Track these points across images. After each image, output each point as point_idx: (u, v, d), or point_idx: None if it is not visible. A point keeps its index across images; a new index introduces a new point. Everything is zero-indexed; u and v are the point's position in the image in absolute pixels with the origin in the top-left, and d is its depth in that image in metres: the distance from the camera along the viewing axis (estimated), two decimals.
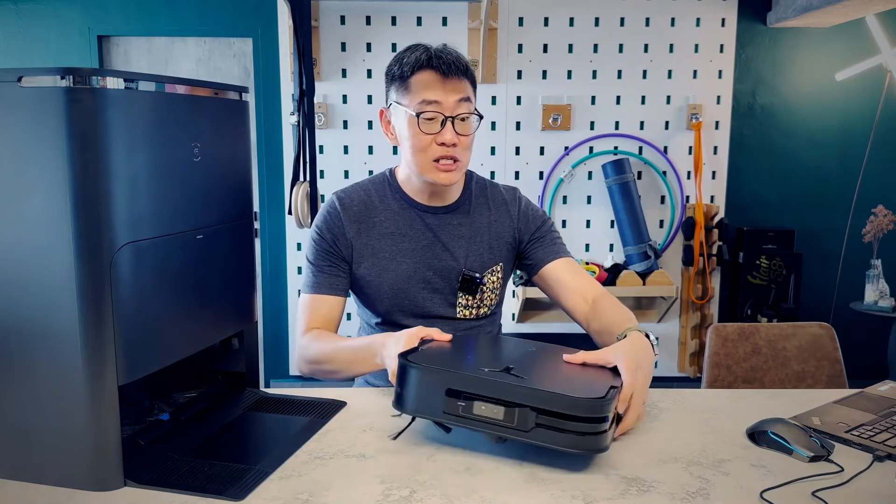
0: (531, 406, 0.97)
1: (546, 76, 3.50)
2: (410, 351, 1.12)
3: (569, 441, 0.96)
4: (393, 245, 1.45)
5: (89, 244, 0.88)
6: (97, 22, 3.47)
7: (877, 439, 1.09)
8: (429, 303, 1.46)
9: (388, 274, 1.44)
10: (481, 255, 1.48)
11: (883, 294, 3.41)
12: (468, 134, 1.39)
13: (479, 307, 1.49)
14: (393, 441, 1.09)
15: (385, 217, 1.47)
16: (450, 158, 1.37)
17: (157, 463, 0.99)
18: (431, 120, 1.35)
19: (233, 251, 1.16)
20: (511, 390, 0.99)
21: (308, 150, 2.93)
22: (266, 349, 3.67)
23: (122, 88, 0.90)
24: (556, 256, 1.49)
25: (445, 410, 1.01)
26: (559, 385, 1.01)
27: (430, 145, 1.37)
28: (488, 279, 1.49)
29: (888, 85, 3.45)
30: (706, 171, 3.58)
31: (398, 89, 1.39)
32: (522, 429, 0.98)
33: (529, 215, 1.53)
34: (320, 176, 3.42)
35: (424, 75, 1.35)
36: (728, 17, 3.49)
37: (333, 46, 3.43)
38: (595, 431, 0.97)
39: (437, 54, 1.35)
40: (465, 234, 1.48)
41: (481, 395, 1.00)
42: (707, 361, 1.83)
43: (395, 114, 1.41)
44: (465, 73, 1.37)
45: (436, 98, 1.34)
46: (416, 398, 1.04)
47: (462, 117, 1.36)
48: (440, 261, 1.46)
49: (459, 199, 1.49)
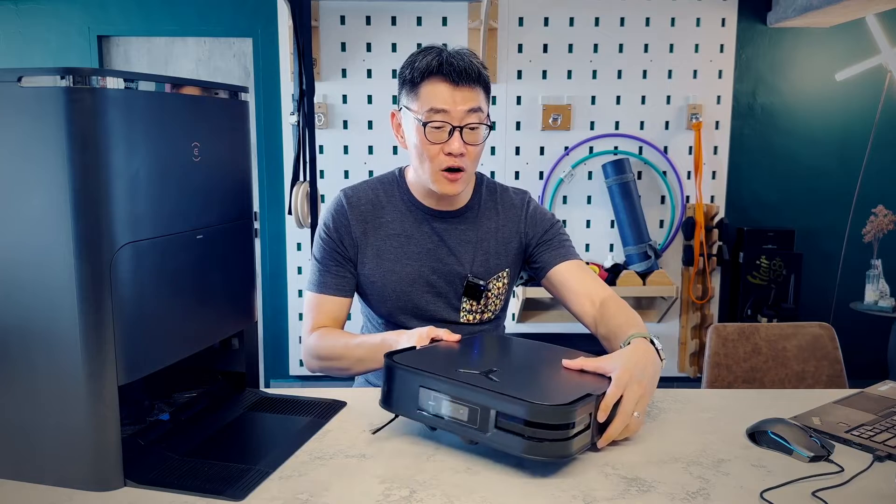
0: (492, 409, 0.97)
1: (546, 76, 3.50)
2: (399, 351, 1.14)
3: (526, 447, 0.95)
4: (398, 247, 1.44)
5: (89, 244, 0.88)
6: (97, 22, 3.47)
7: (877, 439, 1.09)
8: (432, 306, 1.46)
9: (392, 275, 1.44)
10: (487, 260, 1.47)
11: (883, 294, 3.41)
12: (476, 144, 1.35)
13: (483, 312, 1.49)
14: (393, 441, 1.09)
15: (392, 218, 1.46)
16: (456, 169, 1.35)
17: (157, 463, 0.99)
18: (439, 129, 1.32)
19: (233, 251, 1.16)
20: (474, 393, 0.99)
21: (308, 150, 2.93)
22: (266, 349, 3.67)
23: (121, 88, 0.90)
24: (563, 259, 1.47)
25: (419, 408, 1.04)
26: (531, 390, 1.01)
27: (437, 155, 1.34)
28: (493, 285, 1.47)
29: (888, 85, 3.44)
30: (706, 171, 3.58)
31: (408, 94, 1.36)
32: (483, 431, 0.98)
33: (537, 219, 1.51)
34: (320, 176, 3.42)
35: (434, 82, 1.31)
36: (728, 17, 3.49)
37: (333, 46, 3.43)
38: (554, 438, 0.95)
39: (448, 60, 1.31)
40: (472, 239, 1.47)
41: (450, 395, 1.02)
42: (707, 361, 1.83)
43: (404, 118, 1.39)
44: (476, 80, 1.32)
45: (444, 107, 1.31)
46: (396, 397, 1.08)
47: (471, 127, 1.33)
48: (445, 265, 1.45)
49: (468, 204, 1.48)
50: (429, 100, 1.32)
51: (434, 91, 1.31)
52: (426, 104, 1.32)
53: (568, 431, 0.96)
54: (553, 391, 1.04)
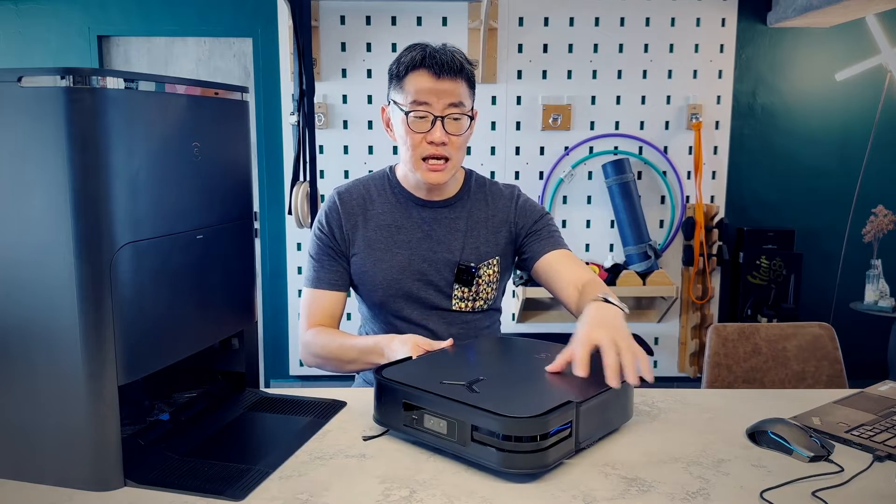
0: (468, 422, 0.97)
1: (546, 76, 3.50)
2: (390, 364, 1.16)
3: (502, 459, 0.94)
4: (388, 237, 1.48)
5: (89, 244, 0.88)
6: (97, 22, 3.47)
7: (877, 439, 1.09)
8: (423, 294, 1.48)
9: (382, 264, 1.47)
10: (477, 247, 1.50)
11: (883, 294, 3.41)
12: (459, 134, 1.40)
13: (474, 300, 1.50)
14: (393, 441, 1.09)
15: (382, 210, 1.50)
16: (439, 158, 1.40)
17: (157, 463, 0.99)
18: (422, 119, 1.38)
19: (233, 251, 1.16)
20: (452, 407, 0.99)
21: (308, 150, 2.93)
22: (266, 349, 3.67)
23: (121, 88, 0.90)
24: (552, 248, 1.50)
25: (405, 423, 1.06)
26: (510, 401, 1.00)
27: (420, 143, 1.40)
28: (484, 271, 1.50)
29: (888, 85, 3.44)
30: (706, 171, 3.58)
31: (395, 88, 1.42)
32: (462, 444, 0.99)
33: (527, 210, 1.54)
34: (320, 176, 3.42)
35: (417, 75, 1.37)
36: (728, 17, 3.49)
37: (333, 46, 3.43)
38: (529, 451, 0.94)
39: (431, 54, 1.37)
40: (462, 227, 1.50)
41: (430, 410, 1.02)
42: (707, 361, 1.83)
43: (392, 112, 1.45)
44: (458, 73, 1.38)
45: (426, 98, 1.37)
46: (384, 411, 1.10)
47: (454, 117, 1.39)
48: (435, 253, 1.48)
49: (457, 195, 1.52)
50: (412, 91, 1.38)
51: (417, 83, 1.37)
52: (410, 96, 1.38)
53: (543, 443, 0.95)
54: (533, 400, 1.01)
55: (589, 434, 1.04)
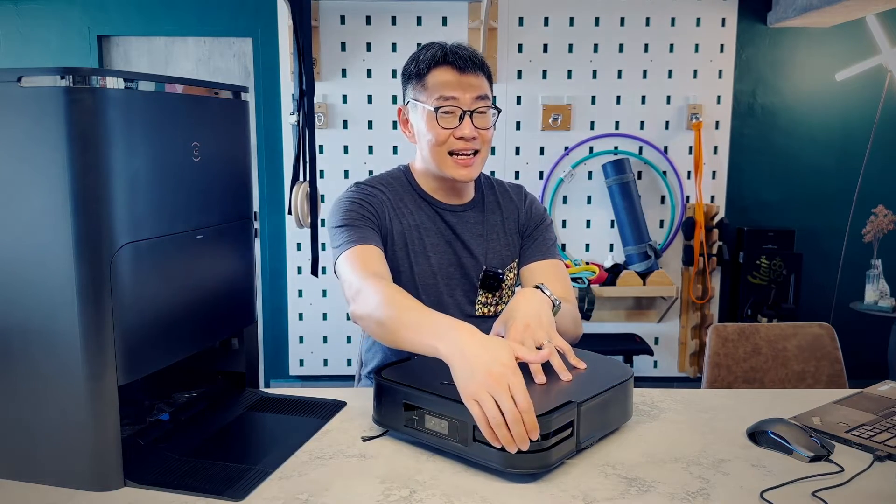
0: (470, 423, 0.97)
1: (546, 76, 3.50)
2: (389, 365, 1.16)
3: (505, 460, 0.94)
4: (419, 238, 1.44)
5: (89, 244, 0.88)
6: (97, 22, 3.47)
7: (877, 439, 1.09)
8: (450, 299, 1.46)
9: (417, 267, 1.43)
10: (499, 252, 1.49)
11: (883, 294, 3.41)
12: (487, 127, 1.39)
13: (497, 304, 1.49)
14: (393, 441, 1.09)
15: (409, 210, 1.45)
16: (469, 152, 1.38)
17: (157, 463, 0.99)
18: (450, 114, 1.35)
19: (233, 251, 1.16)
20: (453, 407, 0.99)
21: (308, 150, 2.91)
22: (266, 349, 3.67)
23: (121, 88, 0.90)
24: (542, 258, 1.49)
25: (405, 424, 1.06)
26: None
27: (447, 139, 1.37)
28: (507, 276, 1.49)
29: (888, 85, 3.45)
30: (706, 171, 3.58)
31: (416, 87, 1.39)
32: (464, 444, 0.99)
33: (532, 213, 1.54)
34: (320, 176, 3.42)
35: (441, 72, 1.36)
36: (728, 17, 3.49)
37: (333, 46, 3.43)
38: (531, 450, 0.94)
39: (452, 51, 1.36)
40: (482, 231, 1.49)
41: (430, 410, 1.02)
42: (707, 361, 1.83)
43: (412, 111, 1.42)
44: (480, 69, 1.38)
45: (453, 94, 1.35)
46: (384, 412, 1.10)
47: (480, 111, 1.37)
48: (461, 258, 1.46)
49: (474, 199, 1.51)
50: (437, 88, 1.36)
51: (442, 79, 1.36)
52: (435, 92, 1.36)
53: (544, 443, 0.95)
54: (534, 401, 0.99)
55: (589, 434, 1.04)
